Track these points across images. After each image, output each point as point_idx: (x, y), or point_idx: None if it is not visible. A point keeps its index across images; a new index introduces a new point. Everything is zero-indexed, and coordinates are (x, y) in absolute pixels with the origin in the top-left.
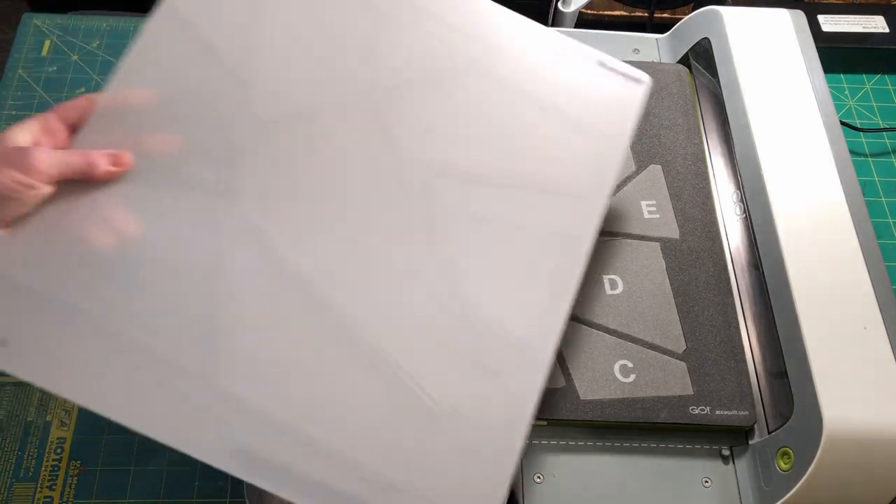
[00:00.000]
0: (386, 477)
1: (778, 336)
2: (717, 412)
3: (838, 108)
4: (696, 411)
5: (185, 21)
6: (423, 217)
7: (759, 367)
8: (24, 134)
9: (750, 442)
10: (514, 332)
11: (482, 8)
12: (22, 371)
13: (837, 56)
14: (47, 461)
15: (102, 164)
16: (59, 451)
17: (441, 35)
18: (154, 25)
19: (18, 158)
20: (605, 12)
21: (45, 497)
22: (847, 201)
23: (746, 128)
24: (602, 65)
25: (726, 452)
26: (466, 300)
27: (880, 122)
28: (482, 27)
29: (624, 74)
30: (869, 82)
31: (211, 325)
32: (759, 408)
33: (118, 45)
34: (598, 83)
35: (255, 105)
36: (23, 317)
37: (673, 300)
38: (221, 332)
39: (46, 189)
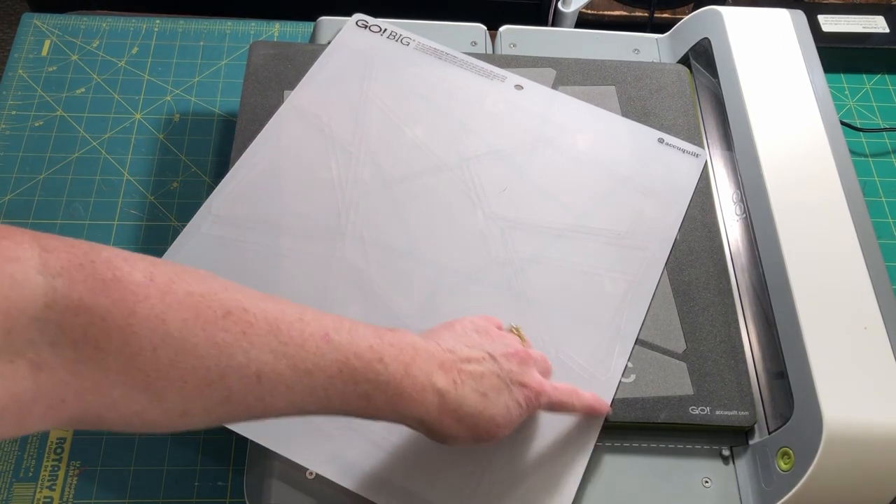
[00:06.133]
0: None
1: (778, 336)
2: (717, 412)
3: (838, 108)
4: (697, 411)
5: (304, 110)
6: (501, 260)
7: (759, 367)
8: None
9: (750, 442)
10: (584, 364)
11: (558, 98)
12: None
13: (837, 56)
14: (47, 461)
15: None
16: (59, 451)
17: (522, 119)
18: (280, 112)
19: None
20: (605, 12)
21: (45, 497)
22: (847, 201)
23: (746, 128)
24: (661, 141)
25: (726, 452)
26: (539, 334)
27: (880, 122)
28: (557, 113)
29: (682, 150)
30: (869, 82)
31: None
32: (759, 408)
33: (118, 45)
34: (660, 156)
35: (363, 171)
36: None
37: (673, 300)
38: None
39: None
